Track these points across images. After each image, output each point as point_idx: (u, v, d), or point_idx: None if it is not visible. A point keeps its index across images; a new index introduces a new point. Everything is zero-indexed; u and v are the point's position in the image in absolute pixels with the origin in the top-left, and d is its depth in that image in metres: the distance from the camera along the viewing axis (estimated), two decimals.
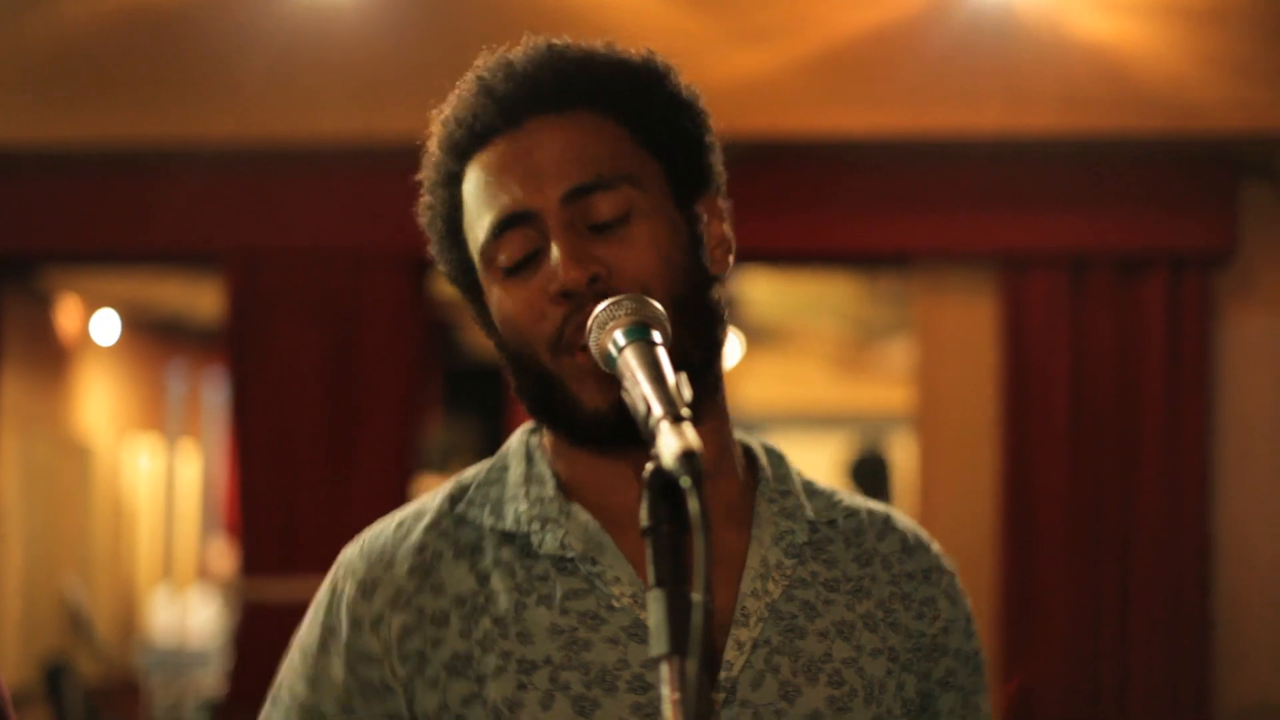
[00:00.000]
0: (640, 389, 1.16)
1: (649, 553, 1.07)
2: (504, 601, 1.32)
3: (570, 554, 1.32)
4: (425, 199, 1.40)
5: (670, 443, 1.08)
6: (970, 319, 5.53)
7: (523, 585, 1.32)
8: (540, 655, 1.30)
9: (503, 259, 1.33)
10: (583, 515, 1.34)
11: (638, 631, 1.30)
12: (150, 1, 5.38)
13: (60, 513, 8.30)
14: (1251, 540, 5.39)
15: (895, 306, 8.22)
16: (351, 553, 1.38)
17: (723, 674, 1.31)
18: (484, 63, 1.37)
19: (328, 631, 1.36)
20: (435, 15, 5.19)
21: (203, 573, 9.20)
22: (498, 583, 1.33)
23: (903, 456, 8.94)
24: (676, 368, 1.24)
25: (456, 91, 1.37)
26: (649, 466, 1.09)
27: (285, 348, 5.67)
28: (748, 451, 1.43)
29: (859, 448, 8.64)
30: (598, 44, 1.38)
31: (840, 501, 1.44)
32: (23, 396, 7.77)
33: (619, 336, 1.22)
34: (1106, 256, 5.41)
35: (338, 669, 1.34)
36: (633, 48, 1.39)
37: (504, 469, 1.40)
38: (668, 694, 1.02)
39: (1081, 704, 5.32)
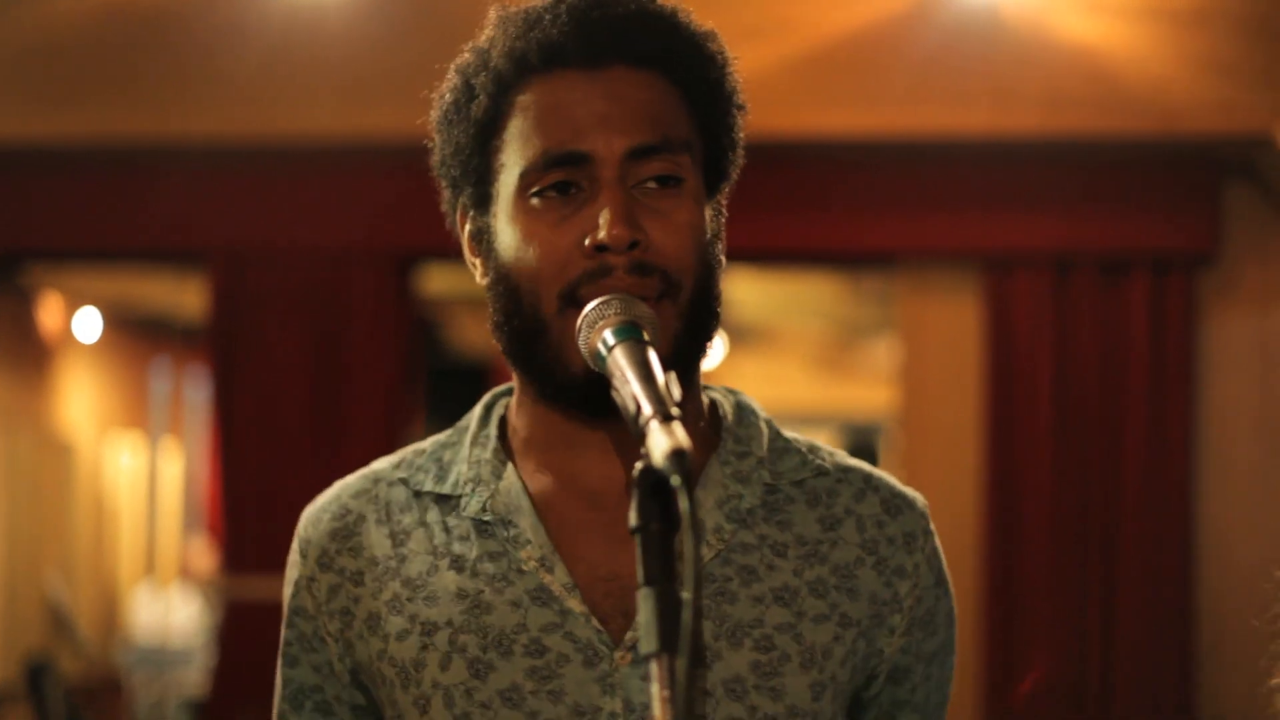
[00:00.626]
0: (630, 388, 1.16)
1: (638, 551, 1.07)
2: (417, 564, 1.34)
3: (488, 517, 1.34)
4: (458, 89, 1.35)
5: (660, 442, 1.08)
6: (954, 319, 5.54)
7: (439, 548, 1.34)
8: (443, 618, 1.32)
9: (540, 186, 1.30)
10: (511, 477, 1.35)
11: (540, 595, 1.31)
12: None
13: (42, 510, 8.27)
14: (1234, 540, 5.40)
15: (879, 306, 8.22)
16: (302, 516, 1.42)
17: (631, 634, 1.30)
18: None
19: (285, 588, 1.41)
20: (423, 14, 5.18)
21: (184, 571, 9.18)
22: (415, 545, 1.35)
23: (887, 457, 8.95)
24: (675, 358, 1.25)
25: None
26: (638, 465, 1.09)
27: (270, 346, 5.66)
28: (715, 409, 1.41)
29: (844, 448, 8.63)
30: (673, 6, 1.36)
31: (815, 460, 1.42)
32: (4, 394, 7.75)
33: (608, 336, 1.22)
34: (1090, 257, 5.42)
35: (283, 626, 1.40)
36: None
37: (465, 430, 1.41)
38: (657, 692, 1.02)
39: (1065, 703, 5.33)
